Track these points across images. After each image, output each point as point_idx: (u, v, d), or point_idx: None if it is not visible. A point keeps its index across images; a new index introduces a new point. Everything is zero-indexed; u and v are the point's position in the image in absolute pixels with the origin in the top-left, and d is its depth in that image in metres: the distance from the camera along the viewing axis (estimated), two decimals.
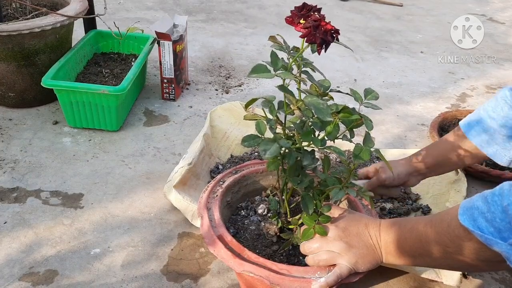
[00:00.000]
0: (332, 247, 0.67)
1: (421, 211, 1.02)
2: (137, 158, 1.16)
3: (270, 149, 0.59)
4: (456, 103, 1.59)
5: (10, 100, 1.31)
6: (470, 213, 0.56)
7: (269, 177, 0.88)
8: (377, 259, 0.68)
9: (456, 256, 0.59)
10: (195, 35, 1.97)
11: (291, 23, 0.61)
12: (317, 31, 0.58)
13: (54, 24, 1.21)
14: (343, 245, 0.67)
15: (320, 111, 0.58)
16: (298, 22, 0.60)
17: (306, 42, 0.60)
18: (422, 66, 1.87)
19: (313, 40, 0.59)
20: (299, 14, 0.60)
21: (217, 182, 0.82)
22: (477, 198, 0.57)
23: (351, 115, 0.66)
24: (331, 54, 0.59)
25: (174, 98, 1.43)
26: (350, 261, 0.67)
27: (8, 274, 0.82)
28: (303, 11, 0.60)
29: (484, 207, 0.54)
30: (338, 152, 0.63)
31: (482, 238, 0.54)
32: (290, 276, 0.65)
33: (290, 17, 0.61)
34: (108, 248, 0.89)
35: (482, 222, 0.54)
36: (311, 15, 0.59)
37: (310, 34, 0.59)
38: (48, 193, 1.02)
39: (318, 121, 0.62)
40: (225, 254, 0.67)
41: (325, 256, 0.67)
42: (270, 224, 0.76)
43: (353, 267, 0.67)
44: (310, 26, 0.58)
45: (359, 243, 0.68)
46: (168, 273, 0.85)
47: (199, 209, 0.76)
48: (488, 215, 0.53)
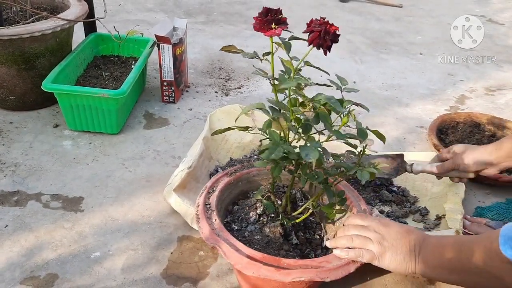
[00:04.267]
0: (368, 235, 0.70)
1: (419, 214, 1.02)
2: (137, 161, 1.17)
3: (275, 152, 0.62)
4: (455, 105, 1.59)
5: (10, 103, 1.32)
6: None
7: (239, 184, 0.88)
8: (408, 264, 0.69)
9: (495, 280, 0.60)
10: (195, 37, 1.98)
11: (259, 29, 0.61)
12: (326, 35, 0.59)
13: (55, 28, 1.22)
14: (378, 236, 0.70)
15: (334, 104, 0.64)
16: (269, 28, 0.60)
17: (313, 46, 0.61)
18: (421, 67, 1.87)
19: (321, 44, 0.60)
20: (266, 19, 0.60)
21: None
22: None
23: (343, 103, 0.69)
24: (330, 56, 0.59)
25: (174, 100, 1.44)
26: (378, 250, 0.69)
27: (9, 278, 0.83)
28: (268, 16, 0.61)
29: None
30: (355, 137, 0.69)
31: None
32: (331, 265, 0.69)
33: (257, 24, 0.61)
34: (108, 251, 0.90)
35: None
36: (283, 19, 0.60)
37: (318, 38, 0.59)
38: (49, 196, 1.03)
39: None
40: (268, 271, 0.67)
41: (358, 241, 0.70)
42: (273, 227, 0.77)
43: (379, 257, 0.69)
44: (319, 31, 0.59)
45: (394, 241, 0.70)
46: (167, 276, 0.85)
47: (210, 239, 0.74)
48: None
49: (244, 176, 0.88)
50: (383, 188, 1.10)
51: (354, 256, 0.70)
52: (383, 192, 1.08)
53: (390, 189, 1.10)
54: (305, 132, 0.67)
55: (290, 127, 0.67)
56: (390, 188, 1.10)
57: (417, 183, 1.12)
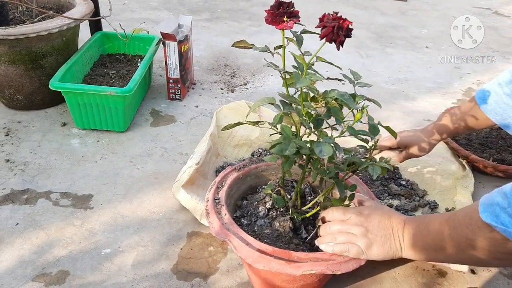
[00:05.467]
0: (351, 230, 0.70)
1: (429, 207, 1.02)
2: (145, 159, 1.17)
3: (289, 148, 0.62)
4: (462, 98, 1.58)
5: (18, 103, 1.33)
6: (492, 209, 0.57)
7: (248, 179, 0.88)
8: (394, 251, 0.69)
9: (479, 251, 0.60)
10: (199, 35, 1.98)
11: (271, 22, 0.61)
12: (340, 30, 0.59)
13: (61, 27, 1.22)
14: (362, 230, 0.69)
15: (347, 100, 0.63)
16: (281, 21, 0.60)
17: (326, 41, 0.61)
18: (427, 61, 1.87)
19: (334, 39, 0.59)
20: (278, 12, 0.60)
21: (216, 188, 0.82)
22: (496, 194, 0.57)
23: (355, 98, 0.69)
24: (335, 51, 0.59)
25: (180, 98, 1.44)
26: (364, 244, 0.68)
27: (21, 275, 0.83)
28: (280, 8, 0.60)
29: (505, 203, 0.55)
30: (367, 134, 0.68)
31: (506, 232, 0.55)
32: (342, 258, 0.69)
33: (269, 17, 0.61)
34: (118, 248, 0.90)
35: (505, 218, 0.55)
36: (295, 12, 0.60)
37: (331, 33, 0.59)
38: (58, 194, 1.03)
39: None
40: (279, 265, 0.67)
41: (342, 238, 0.70)
42: (283, 221, 0.77)
43: (365, 251, 0.68)
44: (332, 26, 0.59)
45: (378, 231, 0.69)
46: (178, 272, 0.86)
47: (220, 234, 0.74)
48: (510, 210, 0.54)
49: (252, 171, 0.88)
50: (391, 181, 1.10)
51: (339, 251, 0.69)
52: (391, 185, 1.07)
53: (399, 182, 1.09)
54: (316, 127, 0.67)
55: (302, 122, 0.66)
56: (398, 181, 1.10)
57: (426, 176, 1.12)
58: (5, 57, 1.22)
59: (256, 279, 0.79)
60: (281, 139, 0.65)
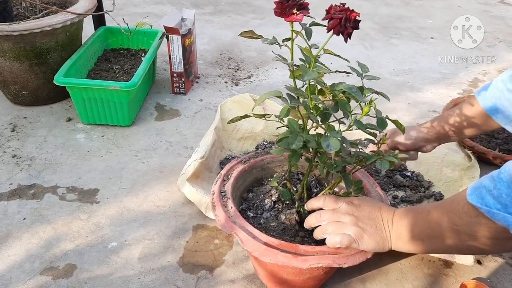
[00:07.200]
0: (342, 219, 0.69)
1: (434, 198, 1.02)
2: (150, 153, 1.17)
3: (295, 142, 0.62)
4: (468, 88, 1.57)
5: (24, 98, 1.34)
6: (478, 192, 0.57)
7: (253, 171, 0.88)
8: (385, 242, 0.69)
9: (465, 236, 0.60)
10: (203, 28, 1.97)
11: (280, 14, 0.60)
12: (347, 22, 0.58)
13: (64, 22, 1.23)
14: (352, 218, 0.69)
15: (355, 93, 0.62)
16: (290, 13, 0.59)
17: (333, 33, 0.60)
18: (433, 52, 1.85)
19: (342, 31, 0.59)
20: (288, 4, 0.59)
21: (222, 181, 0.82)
22: (485, 177, 0.58)
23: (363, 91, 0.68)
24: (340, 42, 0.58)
25: (185, 91, 1.44)
26: (354, 232, 0.68)
27: (29, 269, 0.84)
28: (290, 1, 0.59)
29: (491, 185, 0.56)
30: (375, 128, 0.67)
31: (489, 213, 0.55)
32: (348, 252, 0.68)
33: (278, 9, 0.60)
34: (124, 241, 0.91)
35: (490, 199, 0.55)
36: (304, 4, 0.59)
37: (338, 25, 0.58)
38: (65, 189, 1.04)
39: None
40: (285, 258, 0.67)
41: (333, 227, 0.69)
42: (290, 214, 0.77)
43: (357, 240, 0.68)
44: (339, 18, 0.58)
45: (369, 221, 0.69)
46: (184, 264, 0.86)
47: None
48: (495, 192, 0.55)
49: (258, 164, 0.88)
50: (396, 173, 1.09)
51: (332, 244, 0.68)
52: (396, 177, 1.07)
53: (404, 174, 1.09)
54: (324, 120, 0.66)
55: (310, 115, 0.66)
56: (403, 173, 1.09)
57: (432, 167, 1.11)
58: (10, 53, 1.22)
59: (262, 271, 0.79)
60: (288, 132, 0.64)
